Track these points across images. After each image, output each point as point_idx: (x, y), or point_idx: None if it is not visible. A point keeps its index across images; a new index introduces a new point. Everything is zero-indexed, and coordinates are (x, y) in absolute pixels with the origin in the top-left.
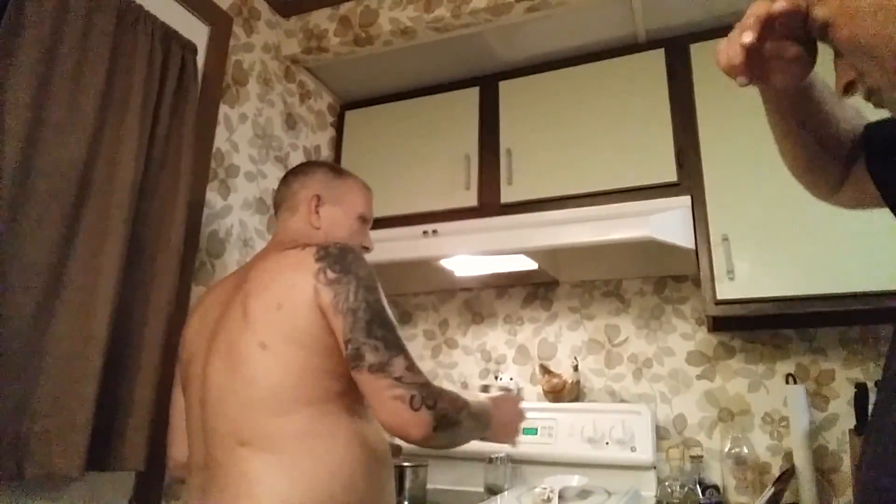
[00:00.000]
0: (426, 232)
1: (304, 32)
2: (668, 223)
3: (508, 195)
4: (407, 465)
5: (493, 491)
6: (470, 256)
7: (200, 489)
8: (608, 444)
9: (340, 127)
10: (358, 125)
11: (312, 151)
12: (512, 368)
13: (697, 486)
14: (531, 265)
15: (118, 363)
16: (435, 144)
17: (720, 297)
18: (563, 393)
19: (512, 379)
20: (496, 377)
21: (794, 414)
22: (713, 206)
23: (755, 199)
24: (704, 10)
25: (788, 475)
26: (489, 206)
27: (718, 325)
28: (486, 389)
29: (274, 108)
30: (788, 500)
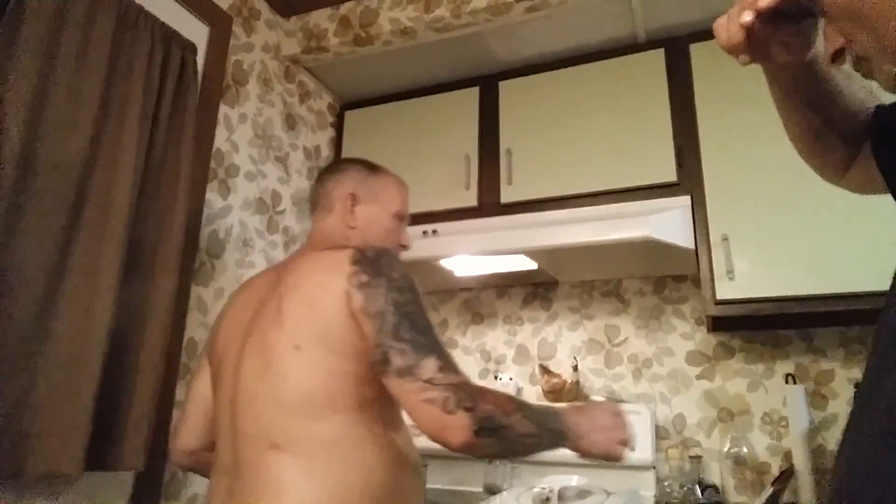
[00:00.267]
0: (426, 232)
1: (303, 32)
2: (667, 223)
3: (508, 195)
4: None
5: (492, 491)
6: (470, 256)
7: (226, 491)
8: None
9: (340, 127)
10: (358, 125)
11: (312, 151)
12: (512, 368)
13: (696, 485)
14: (531, 265)
15: (118, 363)
16: (435, 144)
17: (720, 297)
18: (562, 393)
19: (512, 379)
20: (496, 377)
21: (793, 414)
22: (713, 206)
23: (755, 199)
24: (704, 10)
25: (787, 475)
26: (489, 206)
27: (718, 325)
28: None
29: (274, 108)
30: (787, 499)
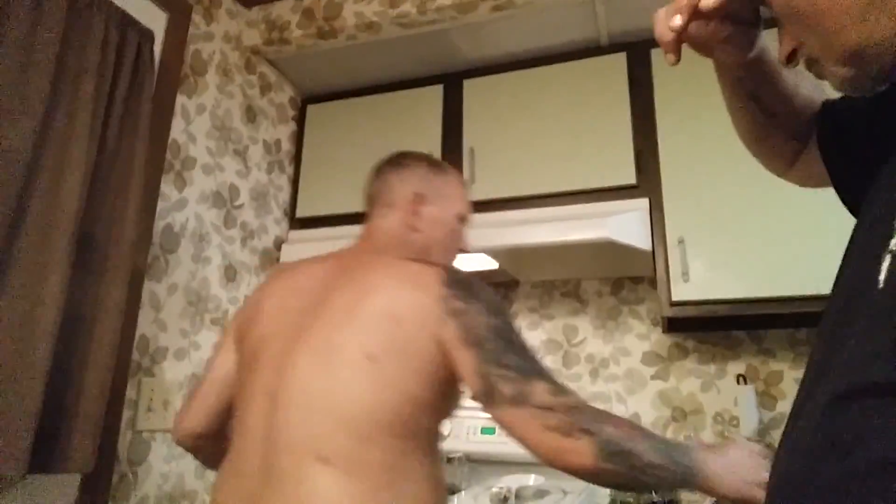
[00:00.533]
0: None
1: (266, 23)
2: (626, 225)
3: (471, 194)
4: None
5: (450, 491)
6: None
7: (247, 497)
8: None
9: (302, 121)
10: (320, 120)
11: (273, 145)
12: None
13: None
14: (492, 265)
15: (66, 360)
16: (398, 141)
17: (675, 298)
18: None
19: None
20: None
21: (743, 413)
22: (670, 208)
23: (711, 203)
24: None
25: None
26: None
27: (673, 325)
28: None
29: (233, 99)
30: None
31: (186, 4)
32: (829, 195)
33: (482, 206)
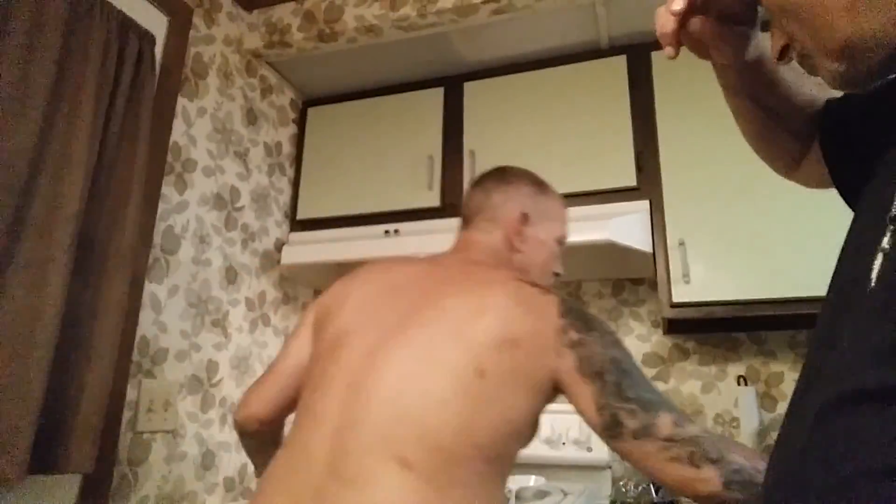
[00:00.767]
0: (388, 231)
1: (266, 26)
2: (627, 227)
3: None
4: None
5: None
6: None
7: (314, 491)
8: (565, 444)
9: (302, 124)
10: (321, 122)
11: (273, 148)
12: None
13: (651, 485)
14: None
15: (67, 361)
16: (398, 144)
17: (676, 299)
18: None
19: None
20: None
21: (744, 415)
22: (671, 210)
23: (712, 204)
24: None
25: None
26: (452, 206)
27: (673, 327)
28: None
29: (234, 102)
30: None
31: (187, 8)
32: (828, 196)
33: None
